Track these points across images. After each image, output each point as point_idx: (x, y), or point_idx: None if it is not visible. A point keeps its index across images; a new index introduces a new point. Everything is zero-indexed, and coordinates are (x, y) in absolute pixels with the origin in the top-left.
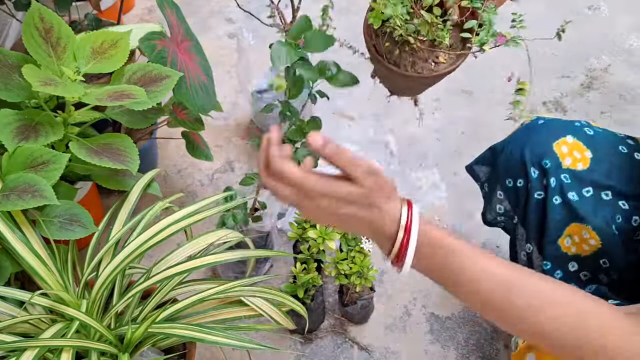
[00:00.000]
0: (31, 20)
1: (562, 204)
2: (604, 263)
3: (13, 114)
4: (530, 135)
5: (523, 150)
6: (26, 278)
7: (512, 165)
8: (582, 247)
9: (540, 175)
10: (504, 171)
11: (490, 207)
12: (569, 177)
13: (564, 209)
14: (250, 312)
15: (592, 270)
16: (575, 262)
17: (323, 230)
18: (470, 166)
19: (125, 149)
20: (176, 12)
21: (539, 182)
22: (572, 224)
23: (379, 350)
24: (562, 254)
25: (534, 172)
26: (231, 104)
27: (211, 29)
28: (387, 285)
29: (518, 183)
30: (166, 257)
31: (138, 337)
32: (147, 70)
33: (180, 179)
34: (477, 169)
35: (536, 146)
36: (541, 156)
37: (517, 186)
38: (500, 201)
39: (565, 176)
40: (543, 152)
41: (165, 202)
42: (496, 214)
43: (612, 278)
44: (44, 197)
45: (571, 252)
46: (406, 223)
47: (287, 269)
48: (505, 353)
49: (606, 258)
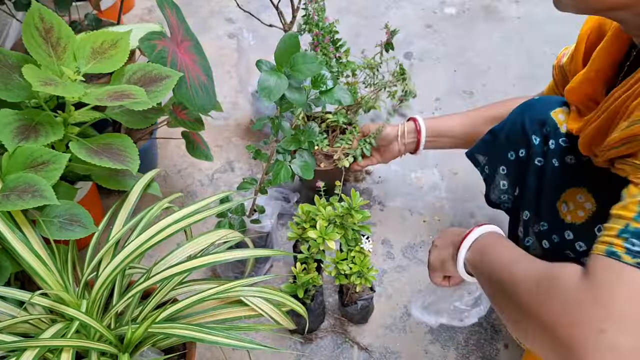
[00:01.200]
0: (31, 20)
1: (560, 167)
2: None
3: (13, 114)
4: (528, 108)
5: (523, 120)
6: (26, 278)
7: (513, 136)
8: (577, 214)
9: (542, 141)
10: (505, 145)
11: (493, 185)
12: (566, 141)
13: (562, 171)
14: (250, 312)
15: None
16: (570, 231)
17: (323, 230)
18: (471, 152)
19: (125, 149)
20: (176, 12)
21: (540, 148)
22: (568, 190)
23: (379, 350)
24: (559, 219)
25: (535, 138)
26: (231, 104)
27: (211, 29)
28: (387, 285)
29: (520, 153)
30: (166, 257)
31: (138, 337)
32: (147, 70)
33: (180, 179)
34: (478, 155)
35: (535, 115)
36: (541, 123)
37: (519, 156)
38: (502, 177)
39: (563, 140)
40: (542, 120)
41: (165, 202)
42: (500, 191)
43: None
44: (44, 197)
45: (567, 220)
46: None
47: (287, 269)
48: (505, 353)
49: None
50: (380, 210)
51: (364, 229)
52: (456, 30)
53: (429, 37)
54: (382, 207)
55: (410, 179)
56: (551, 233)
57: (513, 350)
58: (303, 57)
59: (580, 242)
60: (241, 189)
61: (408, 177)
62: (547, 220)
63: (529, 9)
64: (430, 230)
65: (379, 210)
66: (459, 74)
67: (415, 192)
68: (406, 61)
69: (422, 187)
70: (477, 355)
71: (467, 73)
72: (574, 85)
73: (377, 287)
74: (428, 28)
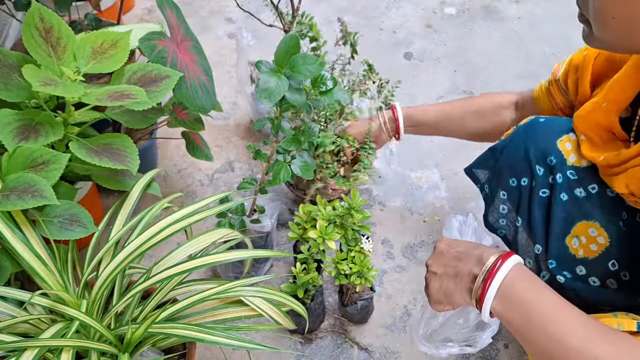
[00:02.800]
0: (31, 20)
1: (569, 201)
2: (613, 265)
3: (13, 114)
4: (532, 134)
5: (527, 148)
6: (26, 278)
7: (515, 163)
8: (590, 248)
9: (546, 172)
10: (507, 171)
11: (492, 207)
12: (575, 174)
13: (571, 205)
14: (250, 312)
15: (600, 276)
16: (582, 266)
17: (323, 230)
18: (470, 169)
19: (125, 149)
20: (176, 12)
21: (545, 179)
22: (579, 223)
23: (379, 350)
24: (569, 255)
25: (539, 169)
26: (231, 104)
27: (211, 29)
28: (387, 285)
29: (522, 182)
30: (166, 257)
31: (138, 337)
32: (147, 70)
33: (180, 179)
34: (477, 172)
35: (540, 144)
36: (546, 153)
37: (522, 185)
38: (503, 201)
39: (571, 172)
40: (547, 149)
41: (165, 202)
42: (499, 215)
43: (623, 280)
44: (44, 197)
45: (579, 255)
46: (490, 269)
47: (287, 269)
48: (506, 353)
49: (614, 259)
50: (380, 210)
51: (364, 229)
52: (456, 30)
53: (429, 37)
54: (382, 207)
55: (410, 179)
56: (561, 270)
57: (513, 350)
58: (303, 58)
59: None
60: (241, 189)
61: (408, 177)
62: (555, 257)
63: (529, 9)
64: (430, 230)
65: (379, 210)
66: (459, 74)
67: (415, 192)
68: (406, 61)
69: (422, 187)
70: (477, 355)
71: (467, 73)
72: (584, 114)
73: (377, 287)
74: (428, 28)
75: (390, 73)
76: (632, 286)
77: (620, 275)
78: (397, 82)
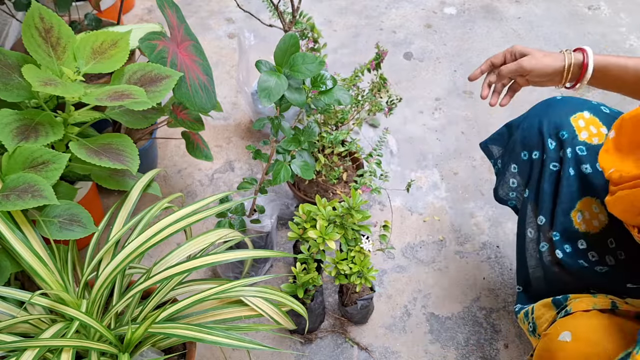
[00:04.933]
0: (31, 20)
1: (576, 176)
2: (611, 243)
3: (13, 114)
4: (548, 109)
5: (541, 122)
6: (26, 278)
7: (529, 137)
8: (592, 224)
9: (557, 146)
10: (520, 144)
11: (503, 181)
12: (584, 150)
13: (578, 180)
14: (250, 312)
15: (599, 251)
16: (584, 240)
17: (323, 230)
18: (485, 144)
19: (125, 149)
20: (176, 12)
21: (556, 154)
22: (584, 198)
23: (379, 350)
24: (573, 228)
25: (551, 143)
26: (231, 104)
27: (211, 29)
28: (387, 285)
29: (534, 155)
30: (166, 257)
31: (138, 337)
32: (147, 70)
33: (180, 179)
34: (492, 147)
35: (554, 118)
36: (558, 128)
37: (533, 158)
38: (513, 175)
39: (580, 148)
40: (560, 124)
41: (165, 202)
42: (509, 188)
43: (619, 259)
44: (44, 197)
45: (581, 229)
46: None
47: (287, 269)
48: (505, 353)
49: (613, 237)
50: (380, 210)
51: (364, 228)
52: (456, 30)
53: (429, 37)
54: (382, 207)
55: (410, 178)
56: (563, 243)
57: (513, 350)
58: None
59: (593, 252)
60: (241, 189)
61: (408, 177)
62: (559, 230)
63: (529, 9)
64: (430, 230)
65: (379, 210)
66: (459, 74)
67: (415, 192)
68: (406, 61)
69: (422, 187)
70: (477, 355)
71: (467, 73)
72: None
73: (377, 287)
74: (428, 28)
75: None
76: (627, 266)
77: (617, 253)
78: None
